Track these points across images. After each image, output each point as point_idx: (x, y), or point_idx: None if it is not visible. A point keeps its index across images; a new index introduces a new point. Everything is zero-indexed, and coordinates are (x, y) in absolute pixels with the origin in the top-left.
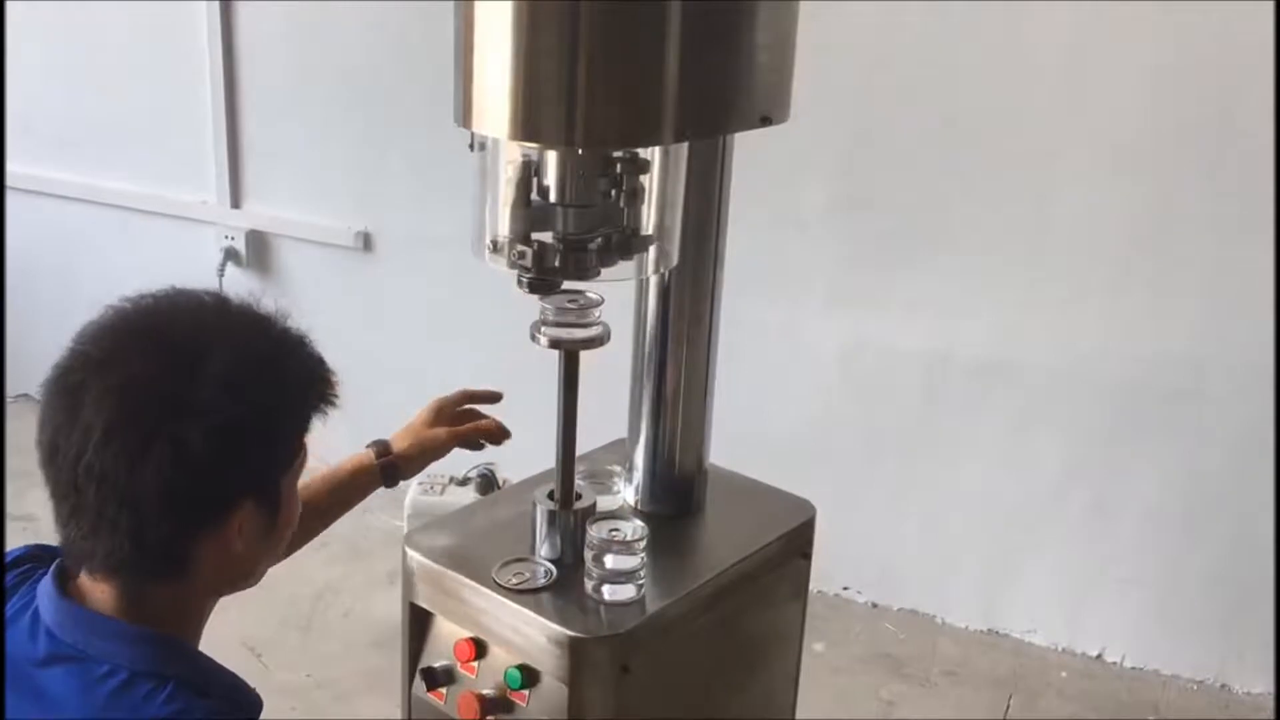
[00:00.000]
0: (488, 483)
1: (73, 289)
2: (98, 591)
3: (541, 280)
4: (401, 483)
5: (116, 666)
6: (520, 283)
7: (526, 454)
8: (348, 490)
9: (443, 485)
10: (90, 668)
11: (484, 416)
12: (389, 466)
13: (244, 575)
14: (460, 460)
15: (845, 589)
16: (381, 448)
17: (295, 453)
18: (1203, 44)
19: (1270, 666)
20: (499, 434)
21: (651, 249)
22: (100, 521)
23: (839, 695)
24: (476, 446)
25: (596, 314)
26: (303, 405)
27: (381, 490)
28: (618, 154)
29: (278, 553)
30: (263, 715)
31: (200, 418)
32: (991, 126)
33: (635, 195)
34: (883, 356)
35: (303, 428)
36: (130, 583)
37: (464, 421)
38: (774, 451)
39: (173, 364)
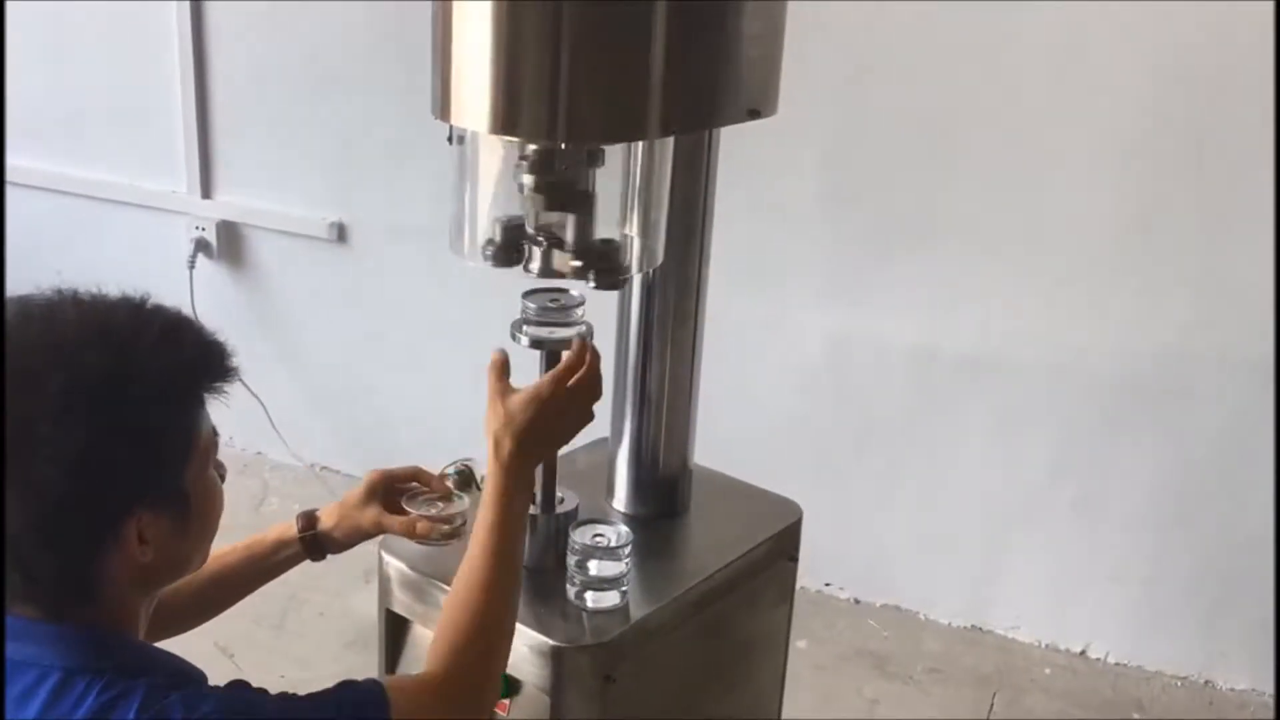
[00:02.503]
0: (465, 479)
1: (39, 281)
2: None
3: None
4: None
5: (48, 668)
6: (484, 257)
7: None
8: (267, 562)
9: None
10: (17, 679)
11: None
12: (311, 541)
13: (170, 574)
14: (438, 457)
15: (828, 585)
16: (307, 521)
17: (188, 445)
18: (1196, 40)
19: (1254, 663)
20: (427, 534)
21: (635, 247)
22: None
23: (821, 693)
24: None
25: (579, 313)
26: (178, 399)
27: None
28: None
29: (207, 539)
30: None
31: (51, 453)
32: (981, 121)
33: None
34: (870, 352)
35: (188, 419)
36: (43, 608)
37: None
38: (758, 446)
39: (11, 401)
